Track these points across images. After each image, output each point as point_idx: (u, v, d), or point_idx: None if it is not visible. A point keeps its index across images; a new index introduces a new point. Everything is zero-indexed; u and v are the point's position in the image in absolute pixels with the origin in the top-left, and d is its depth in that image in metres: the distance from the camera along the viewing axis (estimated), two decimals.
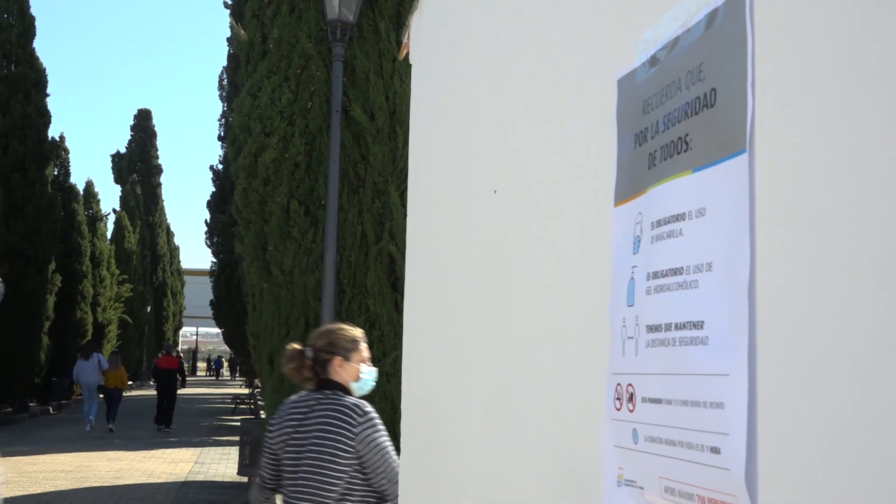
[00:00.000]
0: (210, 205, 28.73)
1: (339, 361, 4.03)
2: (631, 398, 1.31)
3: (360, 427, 3.83)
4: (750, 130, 1.06)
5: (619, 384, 1.36)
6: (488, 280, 2.27)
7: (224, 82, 28.37)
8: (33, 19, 25.40)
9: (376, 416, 3.95)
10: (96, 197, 33.78)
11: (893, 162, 0.85)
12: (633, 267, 1.33)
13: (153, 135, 55.60)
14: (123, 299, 35.58)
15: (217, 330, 42.50)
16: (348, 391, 4.02)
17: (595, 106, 1.62)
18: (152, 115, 56.30)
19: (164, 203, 54.47)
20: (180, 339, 65.81)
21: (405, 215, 3.30)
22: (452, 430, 2.53)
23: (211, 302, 30.68)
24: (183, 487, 14.00)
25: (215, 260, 29.50)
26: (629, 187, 1.38)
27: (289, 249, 8.80)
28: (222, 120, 28.19)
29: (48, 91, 25.43)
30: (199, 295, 51.40)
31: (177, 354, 26.03)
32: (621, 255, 1.39)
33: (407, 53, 3.46)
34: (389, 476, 3.80)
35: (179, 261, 57.03)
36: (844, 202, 0.92)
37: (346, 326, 4.23)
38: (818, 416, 0.94)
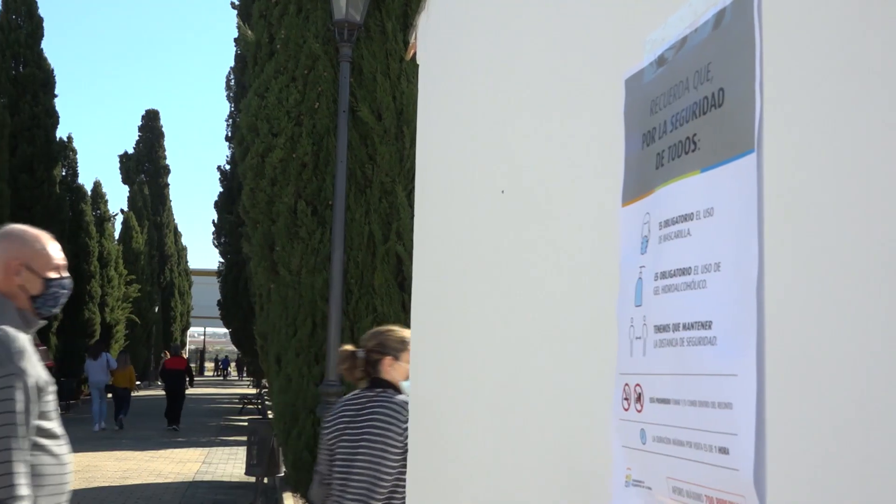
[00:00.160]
0: (217, 205, 28.78)
1: (390, 361, 4.17)
2: (639, 398, 1.31)
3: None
4: (758, 130, 1.06)
5: (627, 384, 1.36)
6: (495, 280, 2.27)
7: (231, 83, 28.42)
8: (41, 20, 25.48)
9: None
10: (104, 197, 33.87)
11: None
12: (641, 267, 1.33)
13: (161, 135, 55.72)
14: (131, 299, 35.66)
15: (224, 330, 42.57)
16: (398, 389, 4.17)
17: (602, 106, 1.61)
18: (160, 116, 56.44)
19: (172, 203, 54.61)
20: (188, 340, 65.93)
21: (412, 215, 3.30)
22: (458, 430, 2.53)
23: (218, 302, 30.72)
24: (190, 487, 14.02)
25: (223, 260, 29.54)
26: (637, 187, 1.38)
27: (296, 249, 8.81)
28: (230, 120, 28.24)
29: (56, 92, 25.51)
30: (207, 295, 51.48)
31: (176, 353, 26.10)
32: (629, 256, 1.39)
33: (414, 54, 3.46)
34: None
35: (187, 261, 57.12)
36: (852, 202, 0.91)
37: (396, 328, 4.40)
38: (826, 417, 0.93)
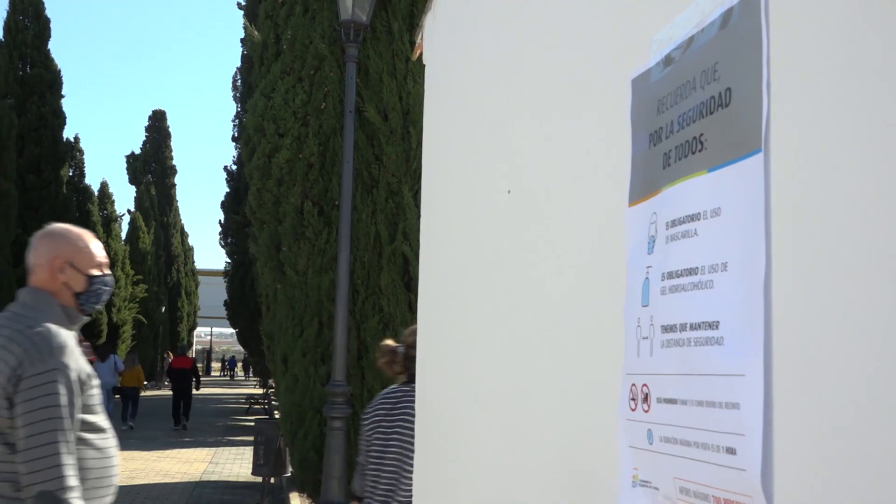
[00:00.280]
0: (224, 205, 28.83)
1: None
2: (646, 398, 1.31)
3: None
4: (765, 130, 1.05)
5: (634, 384, 1.36)
6: (502, 280, 2.27)
7: (238, 83, 28.45)
8: (48, 21, 25.53)
9: None
10: (111, 198, 33.94)
11: None
12: (648, 267, 1.33)
13: (168, 136, 55.81)
14: (138, 300, 35.70)
15: (231, 330, 42.61)
16: None
17: (609, 106, 1.61)
18: (167, 116, 56.55)
19: (179, 204, 54.73)
20: (195, 340, 66.03)
21: (419, 215, 3.29)
22: (464, 430, 2.53)
23: (225, 302, 30.77)
24: (197, 487, 14.04)
25: (229, 260, 29.59)
26: (644, 187, 1.37)
27: (302, 250, 8.81)
28: (236, 121, 28.28)
29: (63, 92, 25.60)
30: (214, 295, 51.53)
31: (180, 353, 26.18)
32: (636, 256, 1.39)
33: (420, 54, 3.46)
34: None
35: (194, 261, 57.17)
36: (860, 202, 0.91)
37: None
38: (834, 417, 0.93)
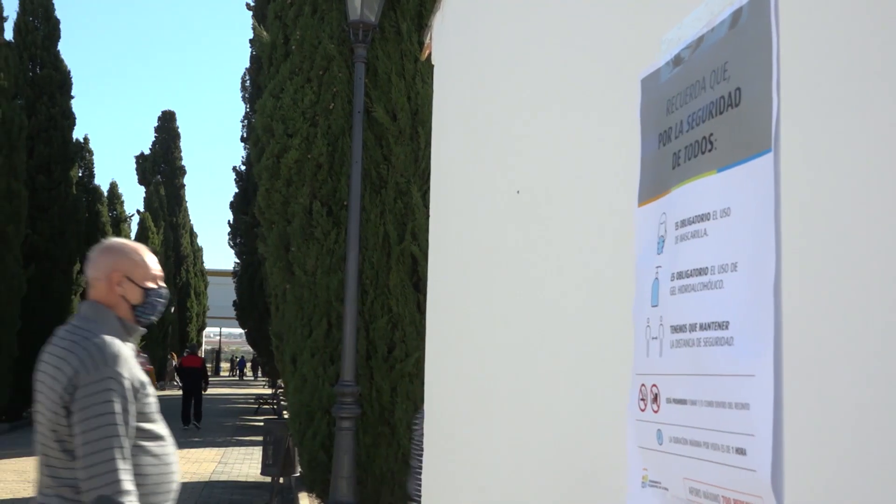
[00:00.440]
0: (233, 206, 28.88)
1: None
2: (655, 399, 1.31)
3: None
4: (775, 130, 1.05)
5: (644, 385, 1.36)
6: (510, 280, 2.27)
7: (247, 84, 28.50)
8: (58, 22, 25.61)
9: None
10: (120, 198, 34.01)
11: None
12: (658, 267, 1.33)
13: (177, 136, 55.90)
14: None
15: (240, 330, 42.66)
16: None
17: (618, 106, 1.61)
18: (176, 117, 56.61)
19: (188, 204, 54.82)
20: (204, 340, 66.15)
21: (427, 216, 3.29)
22: (474, 430, 2.53)
23: (234, 302, 30.82)
24: (206, 487, 14.07)
25: (238, 261, 29.64)
26: (653, 187, 1.37)
27: (311, 250, 8.83)
28: (245, 121, 28.32)
29: (73, 93, 25.66)
30: (223, 295, 51.61)
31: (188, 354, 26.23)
32: (645, 256, 1.39)
33: (429, 54, 3.46)
34: None
35: (203, 261, 57.24)
36: (870, 202, 0.91)
37: None
38: (844, 417, 0.93)
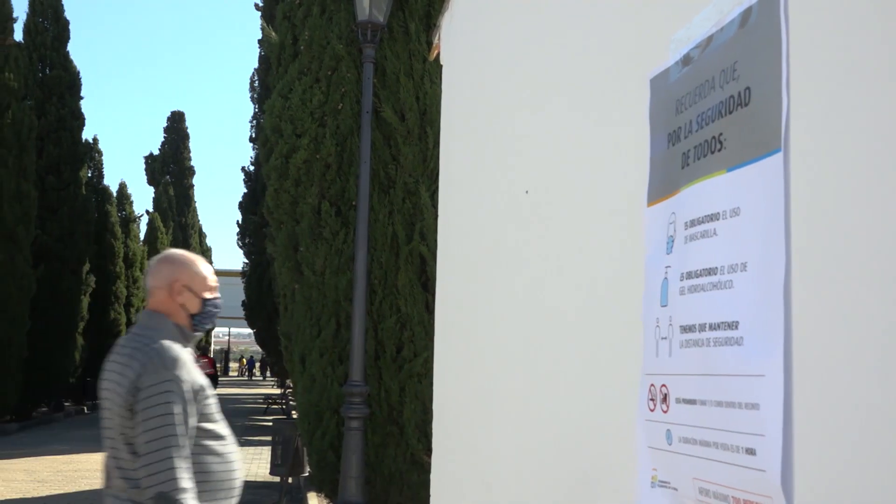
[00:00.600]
0: (242, 206, 28.88)
1: None
2: (665, 399, 1.31)
3: None
4: (785, 129, 1.05)
5: (653, 385, 1.36)
6: (519, 280, 2.27)
7: (255, 84, 28.50)
8: (67, 23, 25.66)
9: None
10: (129, 198, 34.05)
11: None
12: (667, 267, 1.32)
13: (186, 136, 56.02)
14: None
15: (249, 330, 42.70)
16: None
17: (627, 105, 1.61)
18: (185, 117, 56.73)
19: (197, 204, 54.88)
20: (212, 340, 66.21)
21: (436, 216, 3.29)
22: (482, 430, 2.53)
23: (243, 302, 30.82)
24: None
25: (247, 261, 29.65)
26: (662, 187, 1.37)
27: (320, 250, 8.83)
28: (253, 121, 28.33)
29: (82, 94, 25.70)
30: (231, 295, 51.58)
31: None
32: (654, 256, 1.38)
33: (437, 54, 3.46)
34: None
35: (212, 262, 57.34)
36: (880, 202, 0.91)
37: None
38: (855, 417, 0.93)
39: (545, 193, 2.11)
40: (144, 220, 39.51)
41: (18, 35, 23.21)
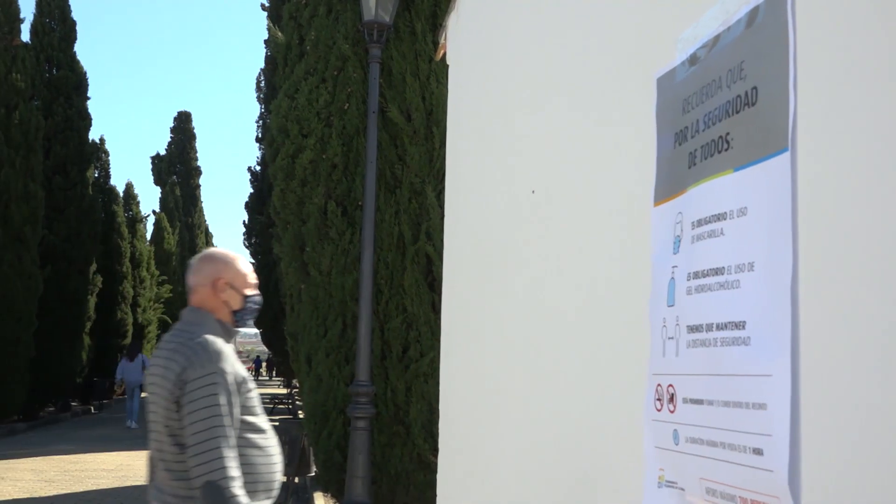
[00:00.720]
0: (248, 206, 28.92)
1: None
2: (672, 399, 1.30)
3: None
4: (792, 129, 1.05)
5: (660, 385, 1.36)
6: (525, 280, 2.27)
7: (261, 84, 28.53)
8: (74, 23, 25.72)
9: None
10: (136, 199, 34.13)
11: None
12: (674, 267, 1.32)
13: (192, 137, 56.09)
14: (163, 300, 35.88)
15: (255, 330, 42.78)
16: None
17: (634, 105, 1.61)
18: (192, 118, 56.79)
19: (203, 204, 54.96)
20: None
21: (442, 216, 3.29)
22: (489, 430, 2.53)
23: None
24: None
25: (253, 261, 29.68)
26: (669, 187, 1.37)
27: (326, 250, 8.84)
28: (260, 122, 28.35)
29: (89, 94, 25.76)
30: None
31: None
32: (661, 255, 1.38)
33: (444, 54, 3.46)
34: None
35: None
36: (888, 202, 0.90)
37: None
38: (862, 417, 0.92)
39: (551, 193, 2.11)
40: (151, 221, 39.59)
41: (26, 36, 23.26)
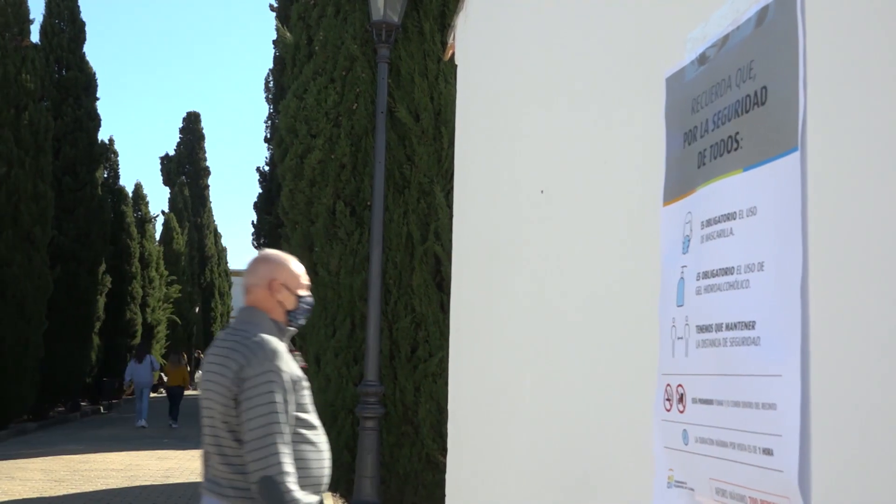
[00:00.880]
0: (257, 206, 28.96)
1: None
2: (681, 399, 1.30)
3: None
4: (801, 128, 1.05)
5: (669, 385, 1.36)
6: (534, 280, 2.27)
7: (270, 84, 28.57)
8: (83, 24, 25.79)
9: None
10: (145, 199, 34.19)
11: None
12: (683, 267, 1.32)
13: (201, 137, 56.18)
14: (172, 300, 35.95)
15: None
16: None
17: (643, 105, 1.61)
18: (200, 118, 56.89)
19: (212, 205, 55.03)
20: None
21: (451, 215, 3.29)
22: (498, 430, 2.53)
23: None
24: None
25: None
26: (678, 186, 1.37)
27: (335, 250, 8.85)
28: (268, 122, 28.39)
29: (98, 95, 25.84)
30: None
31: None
32: (671, 255, 1.38)
33: (452, 54, 3.46)
34: None
35: (227, 262, 57.45)
36: None
37: None
38: (873, 417, 0.92)
39: (560, 193, 2.11)
40: (160, 221, 39.65)
41: (35, 37, 23.33)
